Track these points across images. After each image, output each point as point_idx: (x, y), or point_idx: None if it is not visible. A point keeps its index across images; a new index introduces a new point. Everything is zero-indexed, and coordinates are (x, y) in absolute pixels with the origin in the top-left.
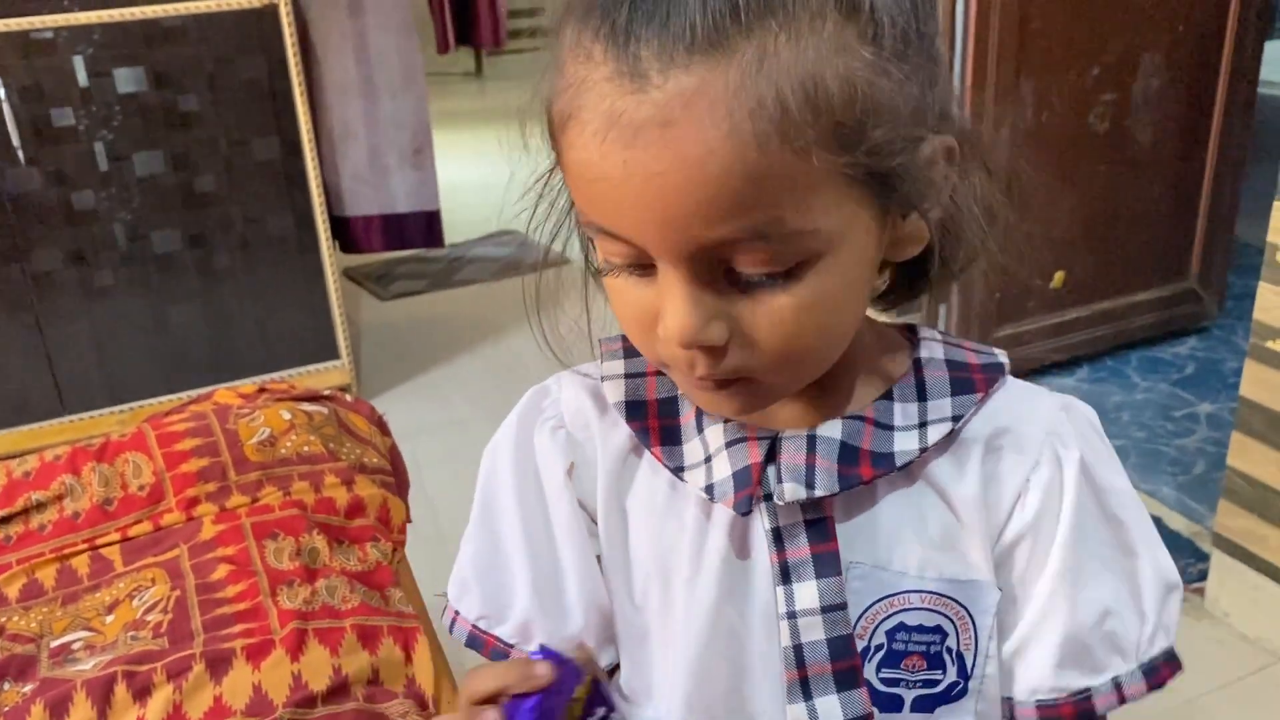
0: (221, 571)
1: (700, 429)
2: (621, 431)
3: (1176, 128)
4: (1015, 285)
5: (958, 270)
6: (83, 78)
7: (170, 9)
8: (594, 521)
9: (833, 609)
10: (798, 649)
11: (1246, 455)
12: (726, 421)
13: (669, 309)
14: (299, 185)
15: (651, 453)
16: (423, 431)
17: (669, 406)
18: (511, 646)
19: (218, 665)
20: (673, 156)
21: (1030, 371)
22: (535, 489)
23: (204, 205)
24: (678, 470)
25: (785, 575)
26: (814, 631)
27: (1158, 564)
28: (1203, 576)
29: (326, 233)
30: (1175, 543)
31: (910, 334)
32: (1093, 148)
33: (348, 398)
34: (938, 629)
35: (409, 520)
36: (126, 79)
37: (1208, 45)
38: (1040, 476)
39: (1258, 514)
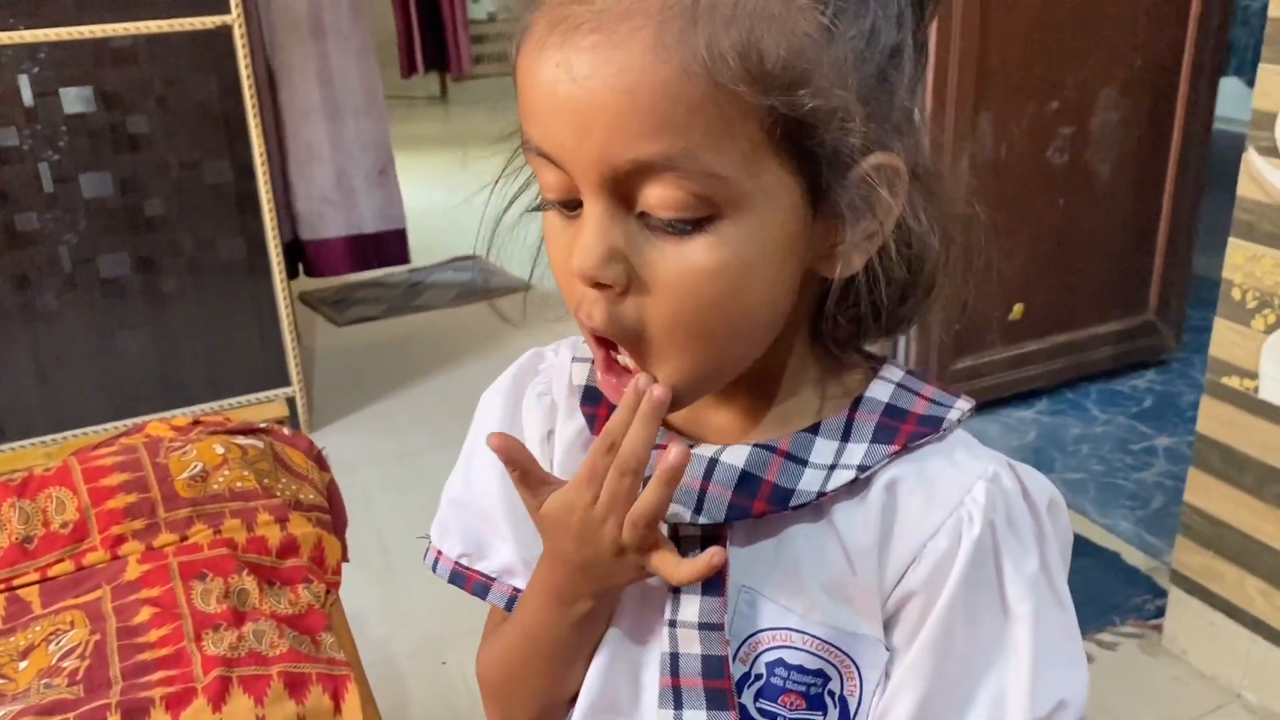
0: (145, 614)
1: None
2: (580, 413)
3: (1134, 162)
4: (974, 317)
5: (915, 306)
6: (28, 97)
7: (120, 29)
8: None
9: (709, 628)
10: (674, 657)
11: (1204, 492)
12: None
13: (579, 241)
14: (251, 209)
15: (594, 438)
16: (374, 462)
17: None
18: (494, 580)
19: (134, 716)
20: (598, 60)
21: (989, 404)
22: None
23: (153, 229)
24: None
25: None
26: (691, 645)
27: (1042, 672)
28: (1161, 613)
29: (279, 257)
30: (1133, 579)
31: (875, 369)
32: (1051, 181)
33: (285, 431)
34: (820, 672)
35: (345, 559)
36: (74, 99)
37: (1164, 81)
38: (937, 545)
39: (1215, 550)
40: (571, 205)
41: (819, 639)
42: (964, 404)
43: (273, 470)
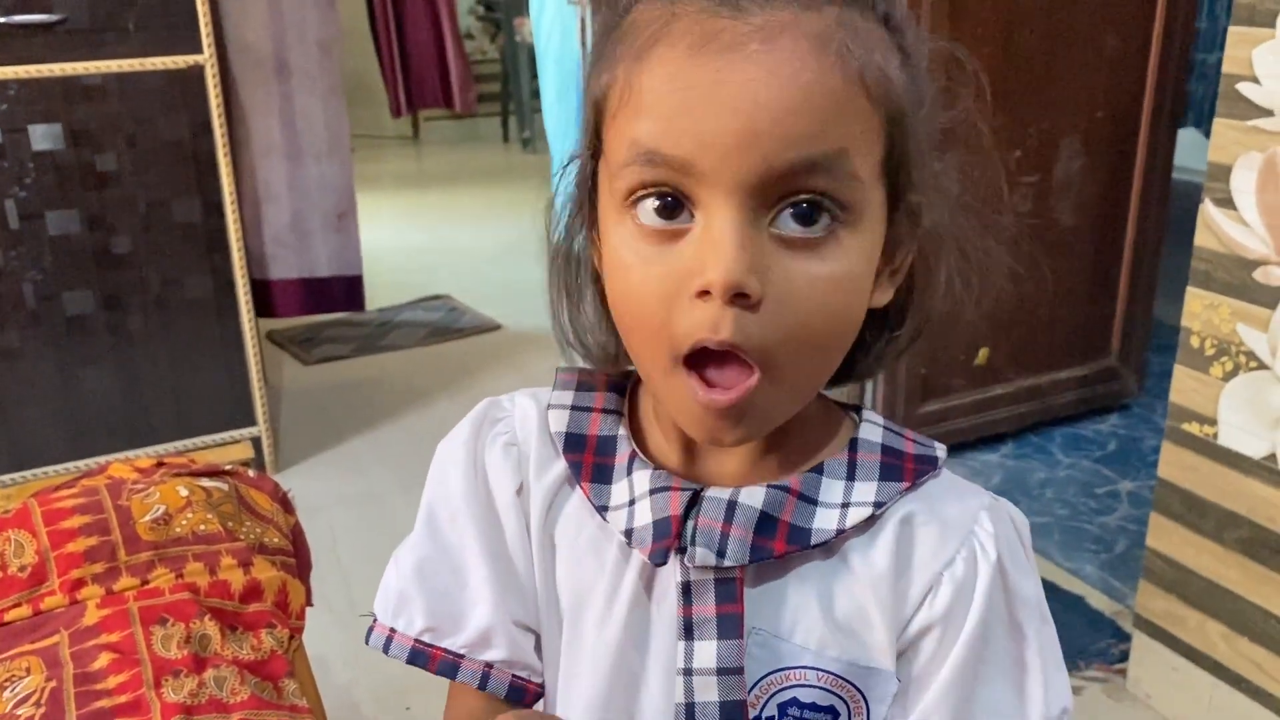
0: (103, 660)
1: (630, 471)
2: (560, 461)
3: (1096, 209)
4: (940, 362)
5: (901, 348)
6: None
7: (91, 67)
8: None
9: (729, 672)
10: (689, 707)
11: (1165, 537)
12: (655, 469)
13: (714, 251)
14: (219, 248)
15: (581, 488)
16: (340, 503)
17: (607, 445)
18: (462, 657)
19: None
20: (771, 63)
21: (955, 447)
22: (487, 501)
23: (120, 266)
24: (602, 509)
25: (689, 631)
26: (708, 692)
27: (1050, 683)
28: (1125, 657)
29: (247, 296)
30: (1097, 623)
31: (855, 414)
32: (1015, 228)
33: (250, 473)
34: (830, 709)
35: (309, 604)
36: (42, 136)
37: (1124, 131)
38: (954, 573)
39: (1177, 595)
40: (673, 212)
41: (832, 674)
42: (941, 446)
43: (237, 513)
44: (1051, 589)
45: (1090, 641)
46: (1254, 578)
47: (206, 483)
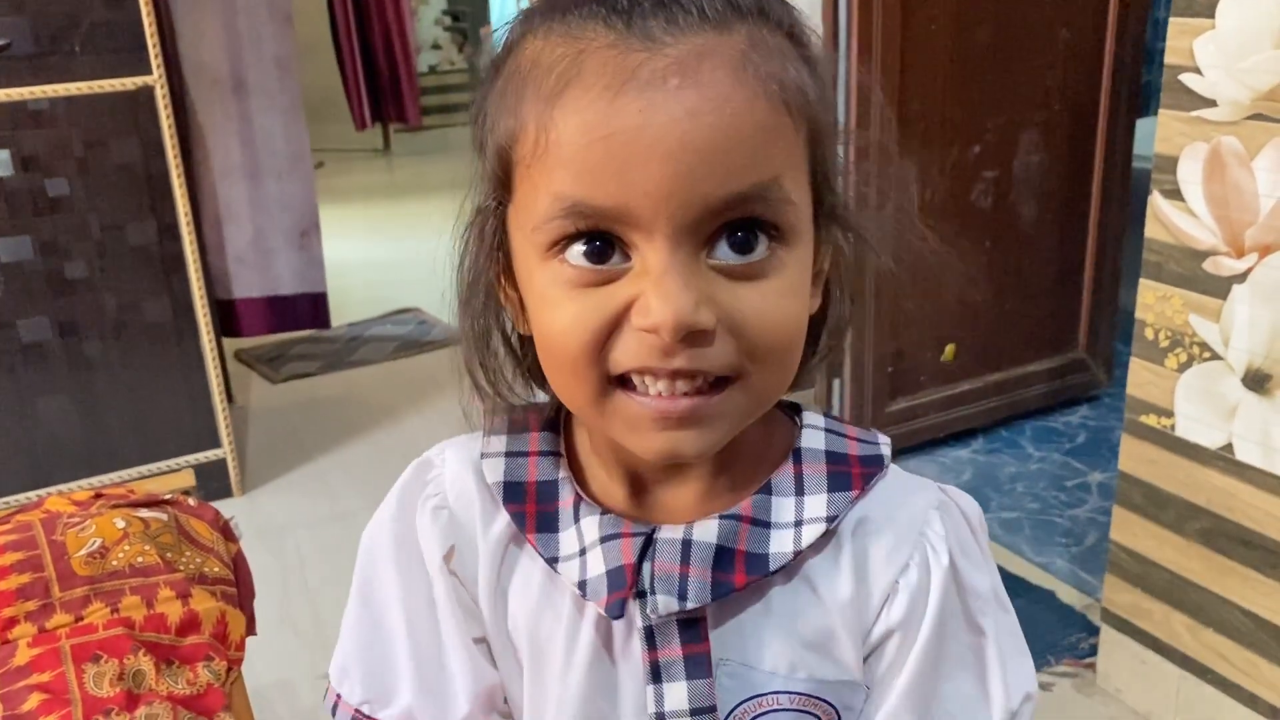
0: (33, 701)
1: (577, 518)
2: (503, 513)
3: (1057, 202)
4: (907, 359)
5: (827, 348)
6: None
7: (38, 91)
8: (476, 603)
9: (701, 711)
10: None
11: (1128, 529)
12: (603, 513)
13: (656, 292)
14: (177, 270)
15: (527, 539)
16: (307, 523)
17: (548, 490)
18: None
19: None
20: (694, 99)
21: (925, 444)
22: (419, 568)
23: (75, 292)
24: (552, 561)
25: (656, 674)
26: None
27: (1010, 672)
28: (1094, 651)
29: (206, 318)
30: (1068, 617)
31: (793, 415)
32: (977, 224)
33: (191, 501)
34: None
35: (252, 633)
36: None
37: (1083, 123)
38: (909, 579)
39: (1141, 588)
40: (602, 255)
41: (803, 695)
42: (885, 439)
43: (176, 543)
44: (1022, 584)
45: (1060, 636)
46: (1215, 569)
47: (145, 513)
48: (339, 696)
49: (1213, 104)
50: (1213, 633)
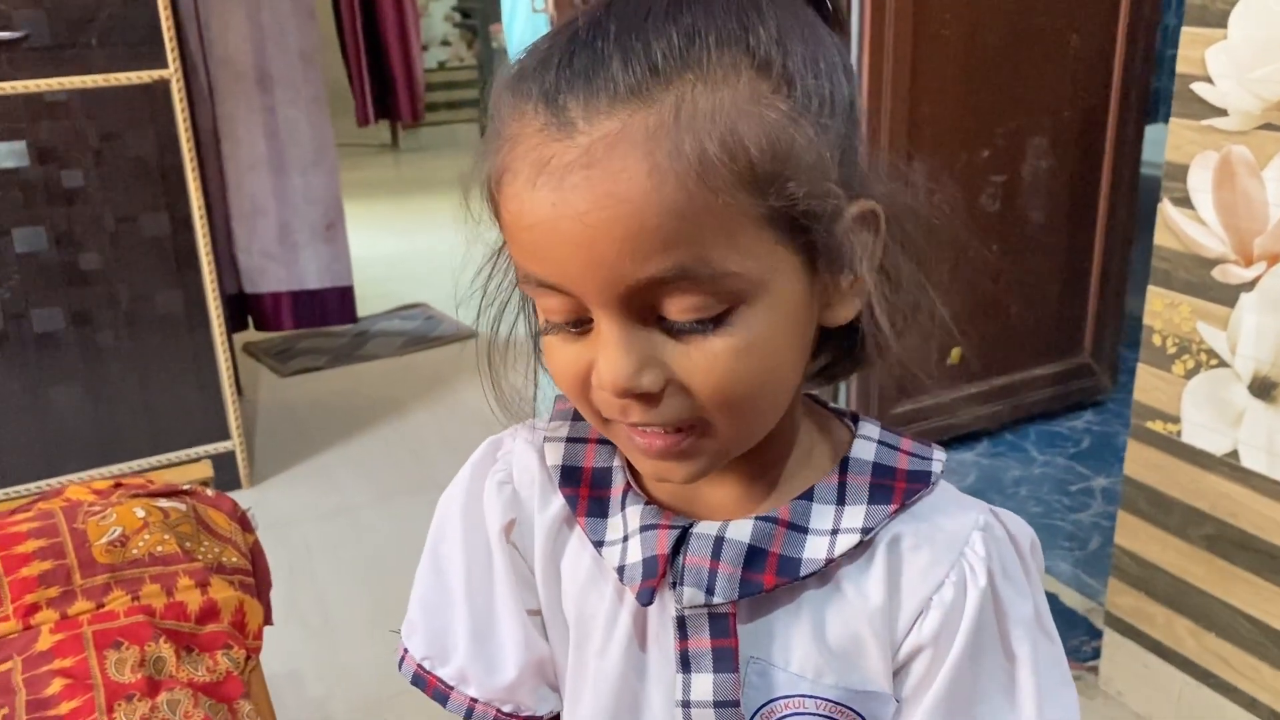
0: (56, 686)
1: (624, 506)
2: (559, 495)
3: (1065, 208)
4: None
5: (887, 342)
6: None
7: (55, 83)
8: (533, 575)
9: (725, 704)
10: None
11: (1132, 534)
12: (647, 503)
13: (602, 356)
14: (189, 262)
15: (578, 522)
16: (315, 516)
17: (602, 477)
18: (452, 688)
19: None
20: (597, 194)
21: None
22: (482, 538)
23: (88, 283)
24: (598, 544)
25: (685, 663)
26: None
27: (1048, 701)
28: (1097, 654)
29: (218, 311)
30: (1071, 620)
31: (852, 425)
32: (985, 227)
33: (209, 492)
34: None
35: (268, 623)
36: (5, 154)
37: (1092, 129)
38: (943, 598)
39: (1145, 592)
40: (580, 324)
41: (831, 701)
42: (940, 454)
43: (195, 533)
44: None
45: (1064, 639)
46: (1219, 574)
47: (164, 503)
48: (405, 650)
49: (1224, 113)
50: (1215, 637)
